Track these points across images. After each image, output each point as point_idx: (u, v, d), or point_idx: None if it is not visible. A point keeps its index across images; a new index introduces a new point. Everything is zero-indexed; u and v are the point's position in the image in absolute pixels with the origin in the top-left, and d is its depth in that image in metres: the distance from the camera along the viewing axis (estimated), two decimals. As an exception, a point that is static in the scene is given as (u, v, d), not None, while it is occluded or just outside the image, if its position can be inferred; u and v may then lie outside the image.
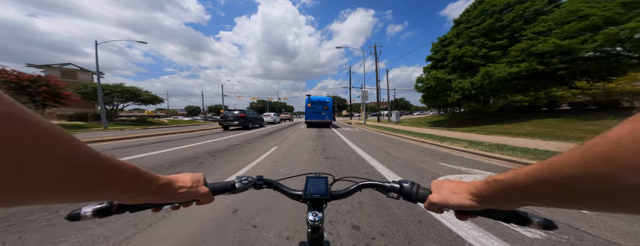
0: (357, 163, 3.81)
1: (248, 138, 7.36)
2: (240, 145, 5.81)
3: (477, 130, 9.10)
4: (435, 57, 14.74)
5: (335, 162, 3.91)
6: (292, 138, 7.45)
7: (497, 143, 5.06)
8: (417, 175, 3.03)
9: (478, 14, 12.19)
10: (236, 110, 11.58)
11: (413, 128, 11.59)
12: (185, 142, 6.63)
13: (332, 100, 14.20)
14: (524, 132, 7.45)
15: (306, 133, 9.65)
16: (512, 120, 10.84)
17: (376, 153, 4.71)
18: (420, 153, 4.58)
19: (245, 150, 5.11)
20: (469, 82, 11.13)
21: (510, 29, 10.77)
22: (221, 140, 6.90)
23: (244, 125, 11.29)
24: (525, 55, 9.28)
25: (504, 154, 3.84)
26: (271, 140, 7.08)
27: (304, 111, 14.23)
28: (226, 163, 3.76)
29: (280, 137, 7.86)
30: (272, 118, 19.95)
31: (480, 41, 11.69)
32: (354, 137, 8.09)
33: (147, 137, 7.81)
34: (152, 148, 5.33)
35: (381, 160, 3.95)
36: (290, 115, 31.45)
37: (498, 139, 6.01)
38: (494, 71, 9.58)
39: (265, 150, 5.00)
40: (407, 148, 5.31)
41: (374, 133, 9.57)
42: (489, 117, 13.25)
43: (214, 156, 4.35)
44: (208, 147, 5.46)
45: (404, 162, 3.78)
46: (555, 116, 9.93)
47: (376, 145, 5.98)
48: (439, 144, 5.52)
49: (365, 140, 6.98)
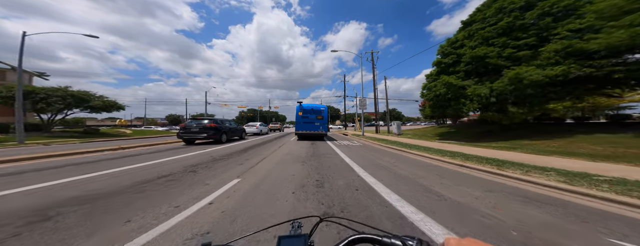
0: (391, 223, 1.82)
1: (206, 160, 5.17)
2: (181, 173, 3.65)
3: (511, 146, 7.45)
4: (445, 61, 13.66)
5: (345, 222, 1.82)
6: (273, 159, 5.33)
7: (618, 176, 3.16)
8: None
9: (494, 12, 11.35)
10: (205, 118, 9.38)
11: (424, 142, 9.84)
12: (111, 164, 4.44)
13: (327, 109, 12.37)
14: (588, 151, 5.83)
15: (295, 149, 7.55)
16: (543, 135, 9.40)
17: (412, 192, 2.72)
18: (491, 194, 2.64)
19: (183, 183, 3.01)
20: (487, 87, 9.74)
21: (535, 27, 9.77)
22: (164, 162, 4.70)
23: (216, 138, 9.00)
24: (560, 57, 8.07)
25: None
26: (243, 161, 4.95)
27: (295, 121, 12.20)
28: (112, 223, 1.74)
29: (256, 156, 5.72)
30: (257, 129, 17.56)
31: (500, 41, 10.60)
32: (358, 155, 6.10)
33: (66, 157, 5.43)
34: (38, 179, 3.18)
35: (440, 216, 1.95)
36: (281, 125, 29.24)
37: (575, 164, 4.26)
38: (525, 74, 8.22)
39: (216, 186, 2.89)
40: (456, 180, 3.37)
41: (382, 150, 7.63)
42: (510, 130, 11.88)
43: (107, 200, 2.25)
44: (126, 178, 3.30)
45: (492, 221, 1.80)
46: (595, 130, 8.57)
47: (399, 172, 4.01)
48: (503, 174, 3.63)
49: (377, 162, 5.02)
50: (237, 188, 2.88)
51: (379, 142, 9.85)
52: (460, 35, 13.43)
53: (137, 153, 6.20)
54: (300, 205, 2.29)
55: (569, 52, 7.89)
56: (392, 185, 3.10)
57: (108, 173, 3.66)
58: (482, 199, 2.49)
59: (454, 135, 16.27)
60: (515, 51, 10.01)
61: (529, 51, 9.66)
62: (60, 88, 16.36)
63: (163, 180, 3.21)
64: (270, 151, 6.92)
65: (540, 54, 8.90)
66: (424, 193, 2.76)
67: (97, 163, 4.62)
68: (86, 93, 17.03)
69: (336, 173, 3.88)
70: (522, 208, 2.23)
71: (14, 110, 17.35)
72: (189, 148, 7.54)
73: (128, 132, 23.79)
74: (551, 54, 8.32)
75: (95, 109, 17.46)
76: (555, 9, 9.55)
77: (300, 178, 3.49)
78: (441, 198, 2.55)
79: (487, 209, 2.19)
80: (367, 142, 10.65)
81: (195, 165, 4.46)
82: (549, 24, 9.46)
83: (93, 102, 16.96)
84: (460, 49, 12.76)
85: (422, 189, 2.93)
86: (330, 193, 2.72)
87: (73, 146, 8.20)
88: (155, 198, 2.45)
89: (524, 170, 3.61)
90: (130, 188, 2.81)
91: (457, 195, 2.68)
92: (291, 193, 2.71)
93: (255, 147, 8.03)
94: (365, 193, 2.76)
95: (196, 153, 6.12)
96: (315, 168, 4.30)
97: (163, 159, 5.08)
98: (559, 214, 2.09)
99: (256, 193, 2.70)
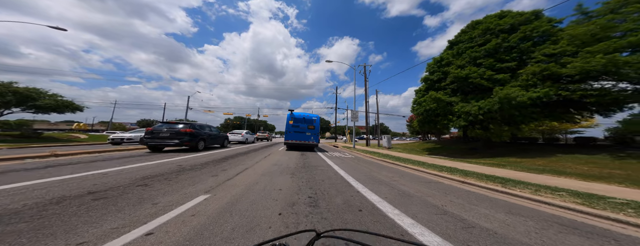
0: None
1: (169, 170, 4.28)
2: (124, 188, 2.80)
3: (499, 163, 7.50)
4: (432, 78, 14.38)
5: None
6: (256, 170, 4.56)
7: (629, 198, 2.97)
8: None
9: (481, 33, 12.42)
10: (180, 122, 8.27)
11: (415, 156, 9.65)
12: (22, 176, 3.34)
13: (319, 119, 11.92)
14: (576, 171, 5.93)
15: (283, 159, 6.80)
16: (524, 153, 9.78)
17: (426, 214, 2.23)
18: (516, 217, 2.24)
19: (120, 202, 2.23)
20: (474, 106, 10.15)
21: (517, 50, 10.73)
22: (108, 173, 3.74)
23: (191, 145, 7.88)
24: (538, 79, 8.74)
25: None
26: (218, 172, 4.13)
27: (285, 130, 11.48)
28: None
29: (237, 166, 4.90)
30: (242, 137, 16.27)
31: (487, 62, 11.42)
32: (353, 168, 5.57)
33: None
34: None
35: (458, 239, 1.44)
36: (269, 134, 27.96)
37: (573, 183, 4.20)
38: (512, 94, 8.62)
39: (169, 207, 2.15)
40: (466, 199, 2.96)
41: (376, 163, 7.20)
42: (493, 148, 12.36)
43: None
44: (33, 195, 2.40)
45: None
46: (570, 151, 9.11)
47: (401, 188, 3.54)
48: (510, 192, 3.35)
49: (375, 176, 4.52)
50: (200, 209, 2.14)
51: (371, 155, 9.46)
52: (446, 54, 14.45)
53: (75, 161, 4.96)
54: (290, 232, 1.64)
55: (545, 75, 8.62)
56: (400, 205, 2.58)
57: (9, 188, 2.63)
58: (514, 226, 2.06)
59: (440, 150, 16.61)
60: (494, 73, 10.84)
61: (508, 74, 10.48)
62: (2, 83, 13.98)
63: (89, 199, 2.32)
64: (254, 161, 6.10)
65: (519, 76, 9.64)
66: (440, 215, 2.27)
67: (4, 174, 3.47)
68: (34, 90, 14.62)
69: (332, 188, 3.28)
70: (569, 239, 1.82)
71: None
72: (151, 156, 6.38)
73: (83, 136, 20.83)
74: (529, 76, 9.02)
75: (42, 109, 14.85)
76: (536, 33, 10.44)
77: (289, 193, 2.83)
78: (465, 223, 2.07)
79: (531, 240, 1.75)
80: (359, 155, 10.20)
81: (151, 176, 3.55)
82: (528, 48, 10.43)
83: (42, 100, 14.53)
84: (447, 66, 13.59)
85: (436, 210, 2.45)
86: (328, 215, 2.11)
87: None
88: (55, 227, 1.61)
89: (533, 189, 3.35)
90: (21, 212, 1.87)
91: (481, 218, 2.22)
92: (277, 215, 2.05)
93: (237, 156, 7.11)
94: (371, 215, 2.20)
95: (159, 162, 5.10)
96: (307, 181, 3.65)
97: (107, 169, 4.02)
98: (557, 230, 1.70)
99: (227, 216, 1.99)
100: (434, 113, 12.21)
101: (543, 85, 8.51)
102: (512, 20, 11.10)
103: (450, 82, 12.37)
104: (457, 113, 11.02)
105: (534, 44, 10.43)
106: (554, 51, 9.01)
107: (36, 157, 5.10)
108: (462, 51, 13.07)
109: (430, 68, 14.96)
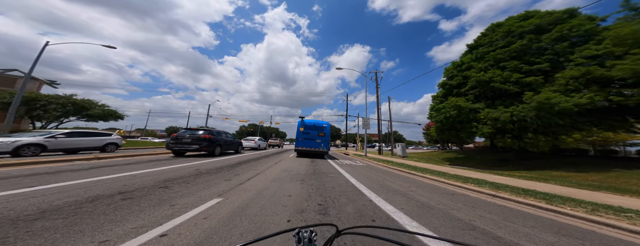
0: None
1: (188, 174, 4.49)
2: (148, 189, 2.98)
3: (540, 177, 6.55)
4: (451, 83, 13.66)
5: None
6: (267, 175, 4.60)
7: None
8: None
9: (502, 35, 11.66)
10: (201, 129, 8.84)
11: (434, 166, 8.82)
12: (69, 176, 3.85)
13: (329, 126, 11.86)
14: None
15: (294, 165, 6.80)
16: (569, 166, 8.45)
17: (453, 229, 2.02)
18: (570, 240, 1.94)
19: (143, 203, 2.38)
20: (504, 112, 9.17)
21: (550, 51, 9.72)
22: (137, 175, 4.05)
23: (208, 151, 8.31)
24: (579, 84, 7.68)
25: None
26: (231, 176, 4.25)
27: (295, 137, 11.59)
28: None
29: (249, 171, 5.00)
30: (255, 144, 16.81)
31: (512, 64, 10.52)
32: (365, 176, 5.34)
33: (25, 166, 4.77)
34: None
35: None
36: (280, 141, 28.43)
37: (637, 203, 3.46)
38: (554, 101, 7.68)
39: (184, 209, 2.22)
40: (499, 215, 2.65)
41: (390, 172, 6.83)
42: (528, 159, 10.98)
43: (15, 228, 1.51)
44: (73, 194, 2.69)
45: None
46: (631, 166, 7.70)
47: (419, 198, 3.29)
48: (558, 210, 2.94)
49: (389, 185, 4.27)
50: (213, 212, 2.18)
51: (384, 163, 9.02)
52: (466, 59, 13.72)
53: (112, 163, 5.50)
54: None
55: (589, 79, 7.54)
56: (419, 217, 2.37)
57: (57, 187, 2.97)
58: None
59: (463, 161, 15.23)
60: (523, 76, 9.86)
61: (540, 77, 9.40)
62: (64, 96, 16.48)
63: (118, 198, 2.50)
64: (265, 166, 6.18)
65: (555, 80, 8.59)
66: (468, 231, 2.03)
67: (53, 175, 3.92)
68: (88, 101, 17.07)
69: (342, 195, 3.15)
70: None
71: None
72: (174, 160, 6.82)
73: (123, 142, 23.23)
74: (568, 81, 7.98)
75: (93, 118, 17.24)
76: (575, 33, 9.29)
77: (298, 200, 2.77)
78: (501, 241, 1.82)
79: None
80: (372, 163, 9.81)
81: (172, 179, 3.76)
82: (564, 49, 9.26)
83: (93, 110, 16.88)
84: (467, 71, 12.83)
85: (462, 224, 2.19)
86: (339, 224, 2.00)
87: (47, 155, 7.55)
88: (85, 225, 1.74)
89: (588, 209, 2.81)
90: (61, 209, 2.09)
91: (522, 238, 1.93)
92: (286, 222, 2.00)
93: (250, 162, 7.28)
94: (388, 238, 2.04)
95: (179, 166, 5.41)
96: (317, 188, 3.56)
97: (137, 171, 4.36)
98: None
99: (237, 220, 2.00)
100: (455, 121, 11.38)
101: (588, 90, 7.41)
102: (539, 20, 10.17)
103: (471, 87, 11.56)
104: (483, 120, 10.09)
105: (571, 45, 9.28)
106: (598, 52, 7.97)
107: (83, 159, 5.78)
108: (483, 55, 12.30)
109: (448, 73, 14.26)
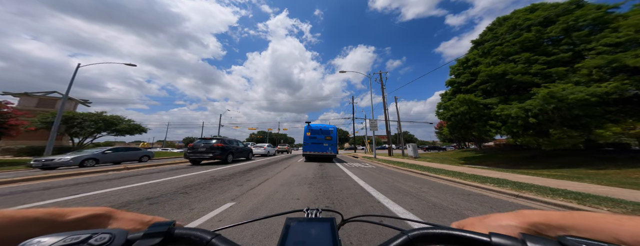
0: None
1: (204, 180, 4.74)
2: (170, 195, 3.23)
3: (573, 175, 5.82)
4: (458, 81, 13.29)
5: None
6: (276, 180, 4.74)
7: None
8: None
9: (508, 29, 11.26)
10: (214, 138, 9.27)
11: (449, 166, 8.31)
12: (104, 185, 4.24)
13: (336, 129, 11.91)
14: None
15: (302, 170, 6.90)
16: (608, 163, 7.69)
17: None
18: None
19: (166, 207, 2.61)
20: (517, 107, 8.68)
21: (566, 41, 9.17)
22: (160, 183, 4.35)
23: (222, 158, 8.68)
24: (604, 73, 7.14)
25: None
26: (243, 182, 4.44)
27: (303, 142, 11.75)
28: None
29: (259, 177, 5.17)
30: (265, 150, 17.19)
31: (523, 56, 10.04)
32: (374, 178, 5.31)
33: (64, 178, 5.33)
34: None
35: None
36: (289, 146, 28.78)
37: None
38: (563, 92, 7.24)
39: (201, 212, 2.42)
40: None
41: (400, 173, 6.71)
42: (557, 156, 10.18)
43: None
44: (108, 200, 2.98)
45: None
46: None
47: (431, 199, 3.25)
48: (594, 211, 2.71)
49: (399, 186, 4.22)
50: (226, 216, 2.33)
51: (394, 165, 8.85)
52: (471, 55, 13.35)
53: (139, 173, 5.95)
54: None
55: (615, 68, 7.01)
56: (430, 218, 2.36)
57: (95, 194, 3.31)
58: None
59: (482, 160, 14.44)
60: (545, 67, 9.25)
61: (563, 67, 8.81)
62: (96, 113, 18.15)
63: (146, 203, 2.75)
64: (275, 172, 6.35)
65: (576, 70, 8.01)
66: None
67: (92, 184, 4.34)
68: (116, 118, 18.63)
69: (350, 198, 3.19)
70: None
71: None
72: (192, 168, 7.21)
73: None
74: (592, 70, 7.45)
75: (120, 132, 18.73)
76: (582, 23, 8.96)
77: (306, 203, 2.86)
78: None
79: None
80: (381, 165, 9.66)
81: (191, 186, 4.01)
82: (582, 38, 8.76)
83: (120, 125, 18.35)
84: (474, 67, 12.45)
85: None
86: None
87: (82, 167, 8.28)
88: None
89: (629, 209, 2.57)
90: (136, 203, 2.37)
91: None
92: (293, 224, 2.09)
93: (260, 168, 7.50)
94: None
95: (196, 174, 5.71)
96: (325, 191, 3.63)
97: (160, 179, 4.70)
98: None
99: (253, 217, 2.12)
100: (466, 118, 10.95)
101: (614, 79, 6.83)
102: (545, 12, 9.75)
103: (481, 82, 11.13)
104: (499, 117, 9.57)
105: (590, 33, 8.78)
106: (620, 40, 7.43)
107: (115, 170, 6.42)
108: (489, 50, 11.88)
109: (454, 70, 13.91)
